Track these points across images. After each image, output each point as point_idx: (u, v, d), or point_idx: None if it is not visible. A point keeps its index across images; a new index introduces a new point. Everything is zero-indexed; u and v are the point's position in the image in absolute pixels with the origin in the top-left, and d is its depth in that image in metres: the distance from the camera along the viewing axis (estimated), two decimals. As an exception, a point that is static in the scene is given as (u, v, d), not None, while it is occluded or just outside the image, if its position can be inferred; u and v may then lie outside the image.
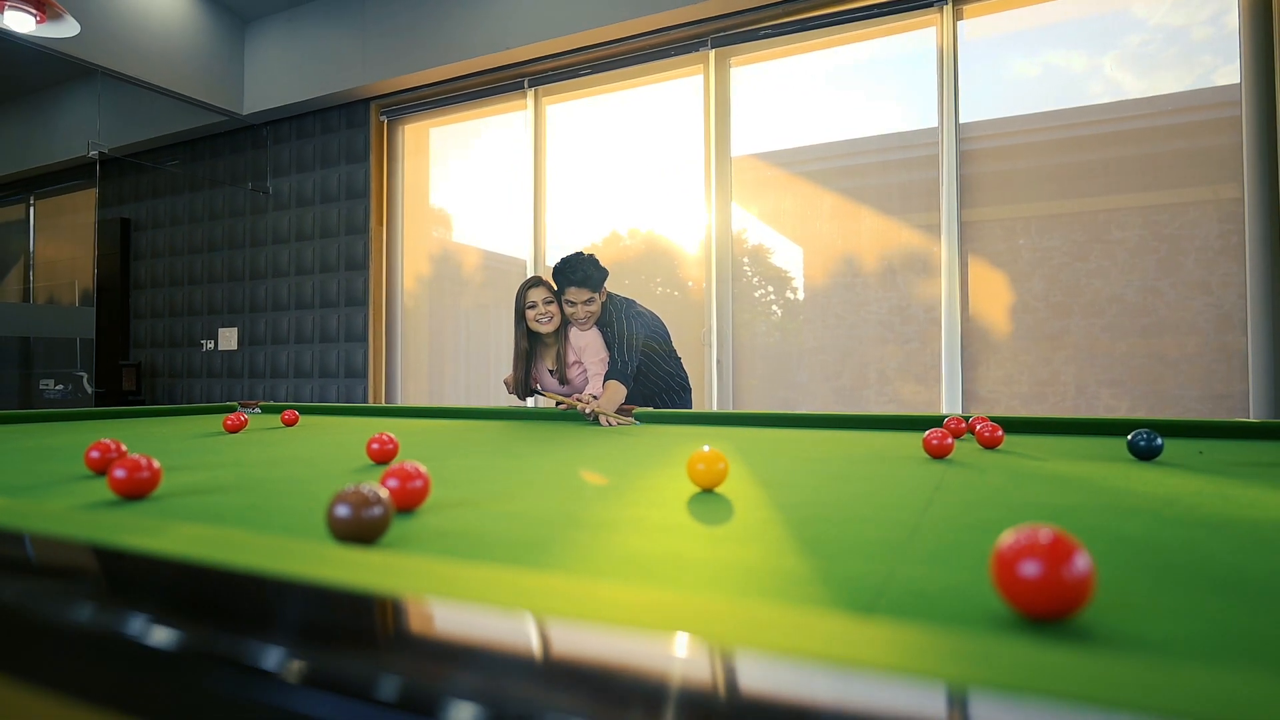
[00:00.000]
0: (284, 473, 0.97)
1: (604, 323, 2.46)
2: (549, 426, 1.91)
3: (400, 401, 4.88)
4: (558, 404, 2.33)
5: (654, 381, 2.60)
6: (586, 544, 0.55)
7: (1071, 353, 3.17)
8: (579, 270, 2.33)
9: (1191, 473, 0.96)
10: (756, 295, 3.88)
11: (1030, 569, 0.36)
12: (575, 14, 3.97)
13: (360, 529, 0.52)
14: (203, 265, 5.61)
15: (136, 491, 0.75)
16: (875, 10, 3.44)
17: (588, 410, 2.03)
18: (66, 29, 1.92)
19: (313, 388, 5.03)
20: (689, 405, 2.73)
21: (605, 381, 2.27)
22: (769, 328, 3.82)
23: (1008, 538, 0.38)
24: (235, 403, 2.76)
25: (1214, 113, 2.97)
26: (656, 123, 4.15)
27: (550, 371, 2.42)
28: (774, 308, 3.86)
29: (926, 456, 1.15)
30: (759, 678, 0.23)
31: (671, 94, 4.10)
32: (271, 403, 2.78)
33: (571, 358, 2.39)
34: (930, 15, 3.39)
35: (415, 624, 0.30)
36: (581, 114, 4.40)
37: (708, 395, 3.84)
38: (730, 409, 3.81)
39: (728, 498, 0.76)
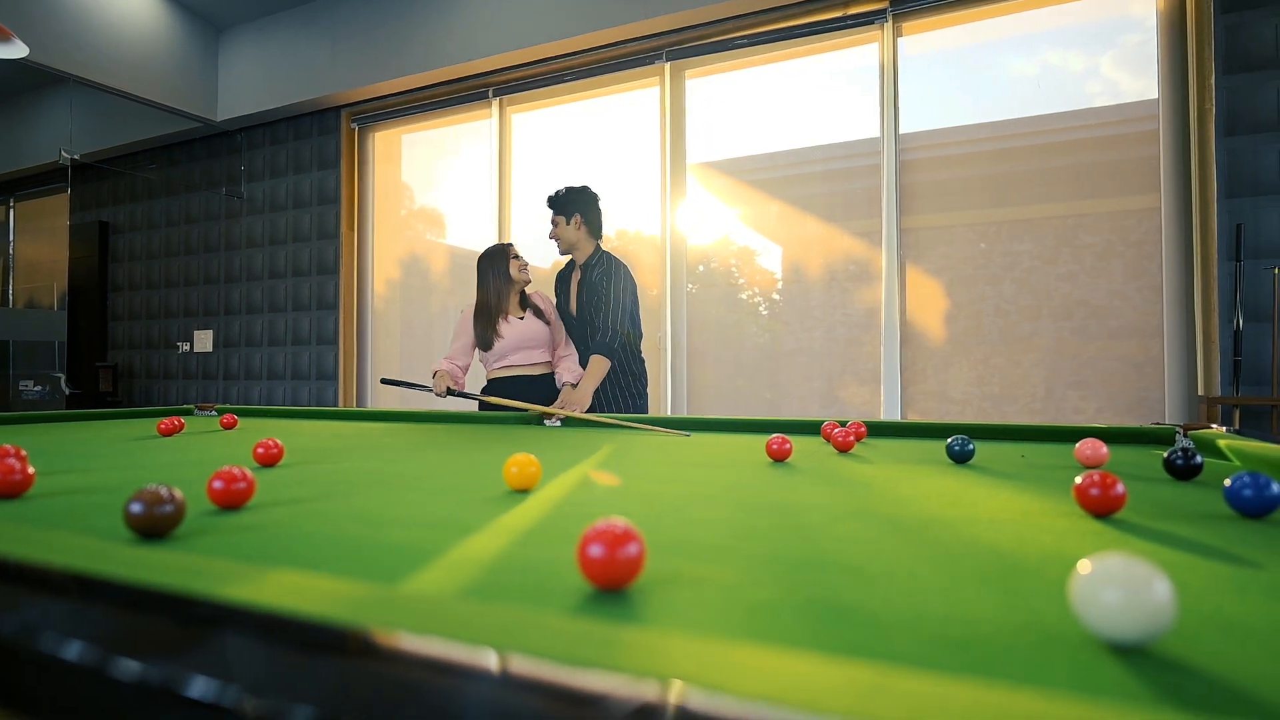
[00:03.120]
0: (164, 475, 1.08)
1: (595, 277, 2.50)
2: (481, 429, 2.02)
3: (370, 404, 4.99)
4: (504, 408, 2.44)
5: (622, 381, 2.55)
6: (355, 537, 0.66)
7: (1040, 355, 3.28)
8: (553, 193, 2.58)
9: (973, 475, 1.07)
10: (743, 297, 3.99)
11: (593, 551, 0.47)
12: (538, 27, 4.08)
13: (150, 523, 0.63)
14: (179, 268, 5.71)
15: (9, 492, 0.86)
16: (820, 26, 3.56)
17: (555, 414, 2.14)
18: (15, 51, 2.03)
19: (285, 390, 5.14)
20: (645, 411, 2.70)
21: (591, 356, 2.36)
22: (758, 329, 3.91)
23: (589, 528, 0.49)
24: (192, 406, 2.87)
25: (1138, 125, 3.09)
26: (616, 131, 4.26)
27: (519, 318, 2.53)
28: (761, 309, 3.95)
29: (769, 460, 1.26)
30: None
31: (630, 104, 4.21)
32: (230, 405, 2.88)
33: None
34: (872, 32, 3.51)
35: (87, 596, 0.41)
36: (544, 122, 4.52)
37: (663, 399, 3.95)
38: (685, 413, 3.92)
39: (530, 498, 0.88)
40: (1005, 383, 3.33)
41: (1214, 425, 1.48)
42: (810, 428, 1.84)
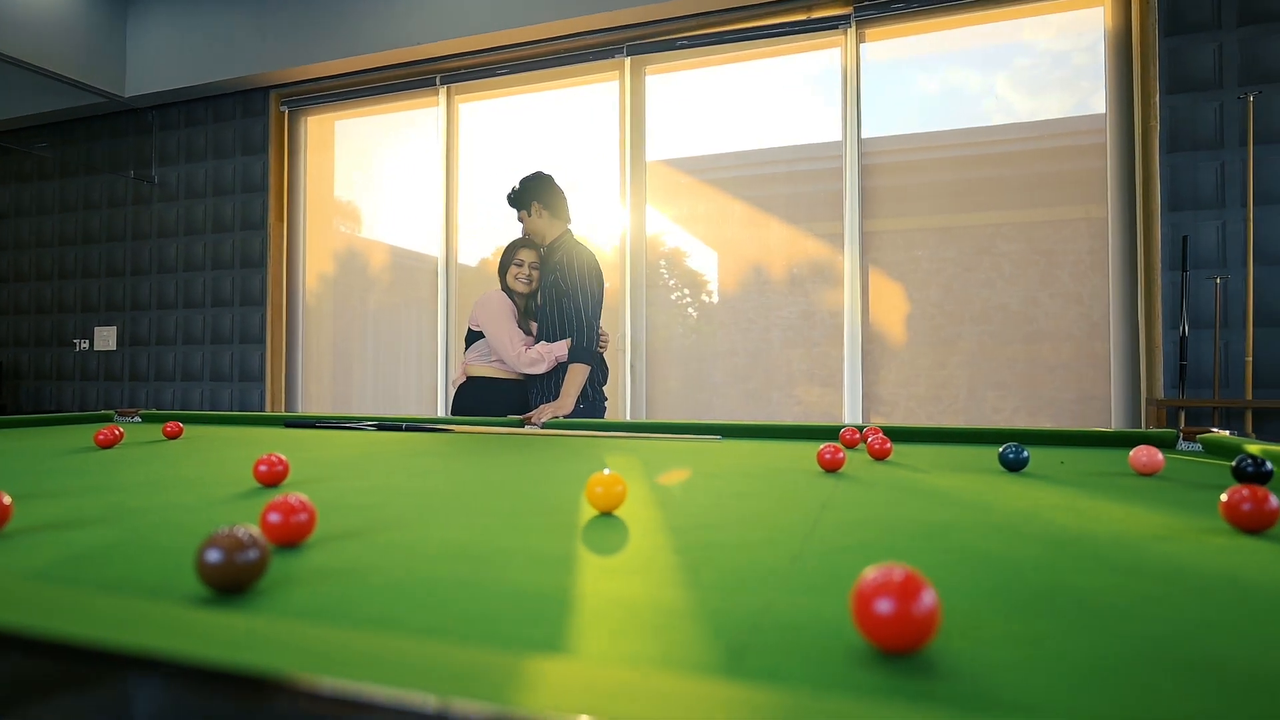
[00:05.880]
0: (161, 500, 0.91)
1: (557, 259, 2.38)
2: (476, 438, 1.87)
3: (300, 407, 4.66)
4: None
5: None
6: (475, 581, 0.55)
7: (963, 358, 3.38)
8: (509, 192, 2.53)
9: (1050, 484, 1.05)
10: (673, 298, 3.94)
11: (883, 607, 0.39)
12: (490, 13, 3.91)
13: (235, 575, 0.50)
14: (76, 258, 5.17)
15: (-19, 530, 0.68)
16: (784, 29, 3.56)
17: (540, 420, 2.05)
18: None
19: (203, 392, 4.73)
20: (602, 414, 2.62)
21: (570, 365, 2.28)
22: (685, 330, 3.89)
23: (865, 577, 0.40)
24: (112, 411, 2.56)
25: (1086, 138, 3.24)
26: (572, 126, 4.14)
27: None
28: (690, 310, 3.93)
29: (820, 470, 1.20)
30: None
31: (587, 98, 4.10)
32: (155, 411, 2.60)
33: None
34: (835, 36, 3.54)
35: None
36: (496, 114, 4.34)
37: (621, 401, 3.86)
38: (644, 416, 3.85)
39: (624, 521, 0.78)
40: (932, 383, 3.43)
41: (1215, 429, 1.52)
42: (818, 433, 1.80)
